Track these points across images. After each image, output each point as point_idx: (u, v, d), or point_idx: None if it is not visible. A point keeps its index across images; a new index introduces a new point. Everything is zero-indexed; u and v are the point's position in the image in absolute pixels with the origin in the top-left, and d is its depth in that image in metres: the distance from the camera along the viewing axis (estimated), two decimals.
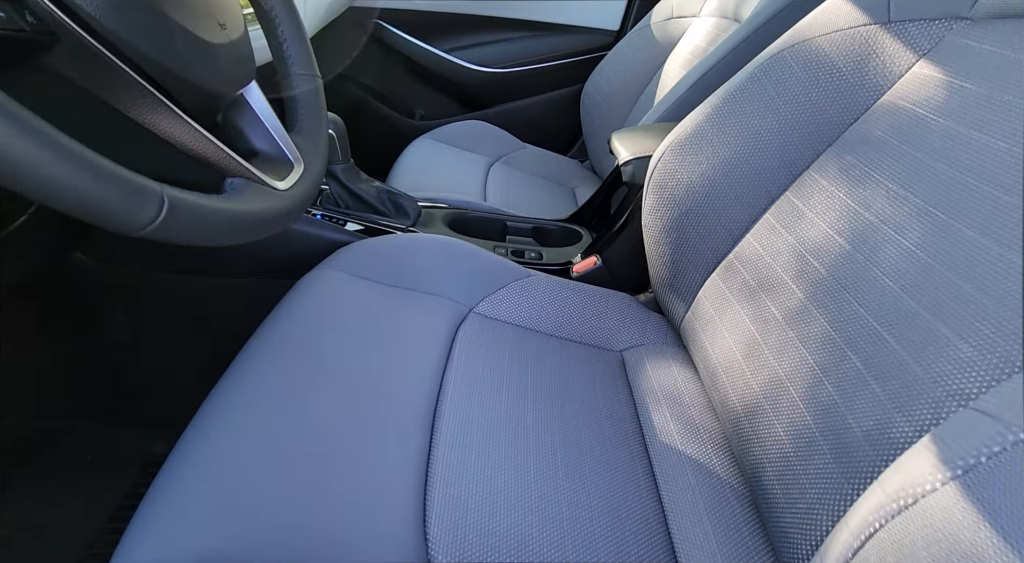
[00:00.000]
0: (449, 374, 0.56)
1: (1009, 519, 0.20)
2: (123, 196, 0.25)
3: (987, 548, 0.20)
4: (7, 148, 0.21)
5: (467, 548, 0.40)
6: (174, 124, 0.32)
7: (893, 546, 0.23)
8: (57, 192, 0.23)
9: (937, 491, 0.22)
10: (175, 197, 0.28)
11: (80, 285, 0.71)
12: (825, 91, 0.53)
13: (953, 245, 0.37)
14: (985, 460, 0.21)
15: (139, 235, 0.27)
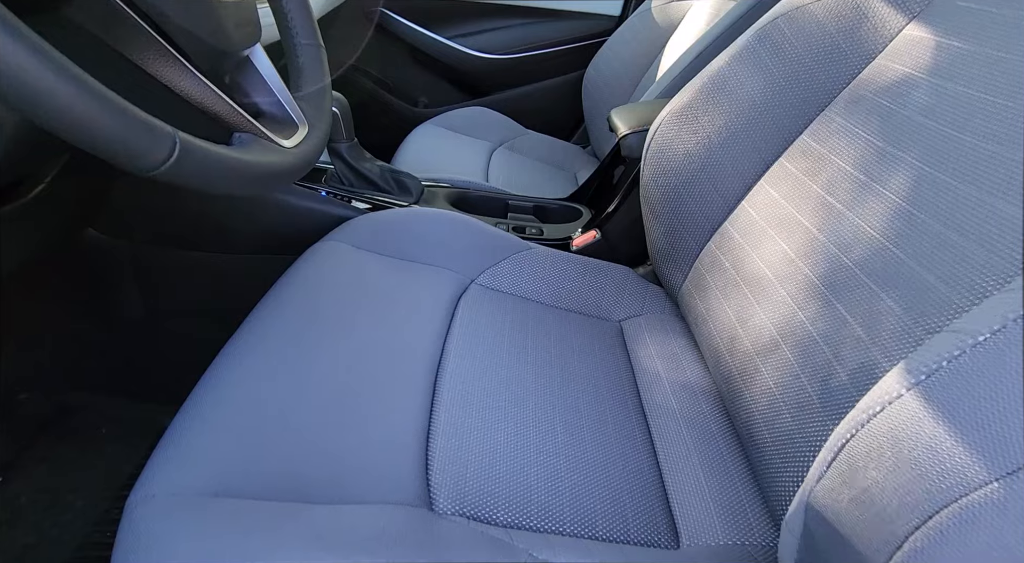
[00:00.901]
0: (451, 340, 0.57)
1: (966, 415, 0.21)
2: (139, 134, 0.27)
3: (944, 442, 0.21)
4: (35, 82, 0.23)
5: (467, 495, 0.41)
6: (184, 78, 0.33)
7: (863, 452, 0.24)
8: (78, 126, 0.25)
9: (902, 397, 0.23)
10: (187, 141, 0.29)
11: (93, 261, 0.73)
12: (818, 57, 0.54)
13: (937, 195, 0.38)
14: (946, 364, 0.22)
15: (151, 176, 0.29)
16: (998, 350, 0.21)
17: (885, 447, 0.23)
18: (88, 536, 0.64)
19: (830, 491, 0.26)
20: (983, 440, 0.20)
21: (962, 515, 0.21)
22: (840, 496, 0.25)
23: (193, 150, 0.30)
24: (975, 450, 0.20)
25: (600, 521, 0.42)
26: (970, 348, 0.22)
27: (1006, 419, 0.20)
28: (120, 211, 0.68)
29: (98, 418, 0.79)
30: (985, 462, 0.20)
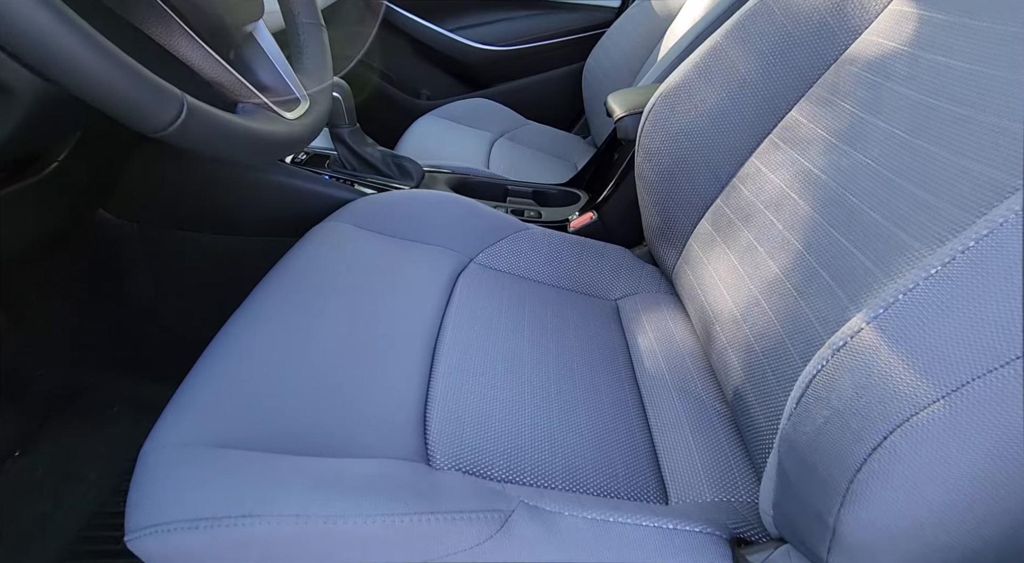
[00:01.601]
0: (449, 313, 0.59)
1: (916, 341, 0.22)
2: (149, 95, 0.29)
3: (897, 367, 0.22)
4: (59, 43, 0.25)
5: (463, 452, 0.43)
6: (191, 47, 0.35)
7: (826, 385, 0.25)
8: (94, 85, 0.27)
9: (862, 330, 0.24)
10: (194, 104, 0.31)
11: (104, 242, 0.75)
12: (807, 34, 0.55)
13: (914, 160, 0.39)
14: (902, 297, 0.24)
15: (159, 136, 0.31)
16: (948, 279, 0.22)
17: (846, 377, 0.25)
18: (102, 506, 0.67)
19: (798, 425, 0.27)
20: (930, 362, 0.22)
21: (912, 433, 0.22)
22: (807, 428, 0.27)
23: (199, 113, 0.31)
24: (923, 372, 0.22)
25: (591, 479, 0.44)
26: (923, 281, 0.23)
27: (953, 340, 0.22)
28: (130, 193, 0.71)
29: (109, 396, 0.81)
30: (932, 382, 0.22)
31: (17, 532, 0.62)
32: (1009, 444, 0.21)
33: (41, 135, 0.43)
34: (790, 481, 0.29)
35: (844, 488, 0.25)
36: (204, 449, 0.36)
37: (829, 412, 0.25)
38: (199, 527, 0.30)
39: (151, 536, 0.31)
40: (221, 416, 0.39)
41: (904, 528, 0.24)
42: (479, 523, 0.33)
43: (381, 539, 0.31)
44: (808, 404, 0.27)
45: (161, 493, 0.33)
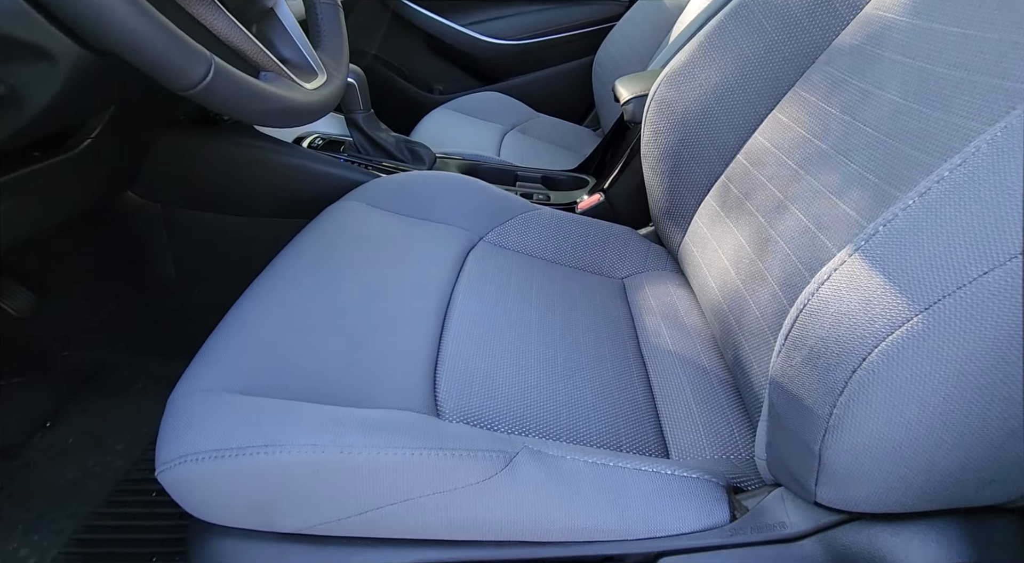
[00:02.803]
0: (459, 287, 0.61)
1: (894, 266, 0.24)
2: (180, 53, 0.31)
3: (875, 291, 0.24)
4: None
5: (471, 408, 0.45)
6: (218, 17, 0.38)
7: (811, 317, 0.27)
8: (130, 41, 0.29)
9: (845, 262, 0.26)
10: (221, 65, 0.34)
11: (130, 224, 0.78)
12: (809, 11, 0.56)
13: (911, 123, 0.40)
14: (882, 228, 0.25)
15: (187, 94, 0.33)
16: (923, 208, 0.24)
17: (829, 307, 0.26)
18: (128, 473, 0.70)
19: (785, 360, 0.29)
20: (905, 284, 0.23)
21: (888, 352, 0.23)
22: (793, 360, 0.28)
23: (226, 74, 0.34)
24: (899, 293, 0.23)
25: (595, 436, 0.46)
26: (901, 211, 0.25)
27: (926, 262, 0.23)
28: (155, 175, 0.74)
29: (132, 372, 0.84)
30: (906, 302, 0.23)
31: (50, 496, 0.65)
32: (978, 360, 0.22)
33: (78, 105, 0.46)
34: (779, 417, 0.31)
35: (828, 414, 0.26)
36: (227, 395, 0.38)
37: (813, 341, 0.27)
38: (223, 456, 0.32)
39: (179, 466, 0.33)
40: (243, 367, 0.41)
41: (885, 450, 0.26)
42: (485, 461, 0.34)
43: (391, 469, 0.33)
44: (795, 338, 0.28)
45: (188, 430, 0.35)
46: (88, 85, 0.41)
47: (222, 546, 0.36)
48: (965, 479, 0.26)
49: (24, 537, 0.60)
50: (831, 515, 0.32)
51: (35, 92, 0.38)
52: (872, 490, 0.28)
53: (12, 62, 0.36)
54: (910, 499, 0.28)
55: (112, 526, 0.63)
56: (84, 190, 0.63)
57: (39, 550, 0.60)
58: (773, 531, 0.33)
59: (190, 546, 0.37)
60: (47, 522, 0.62)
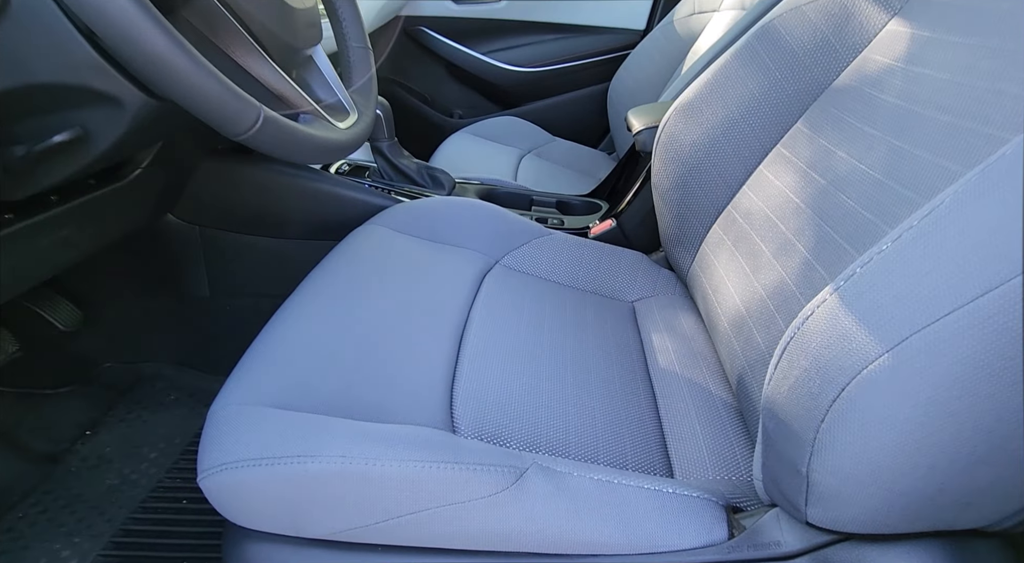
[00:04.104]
0: (476, 308, 0.64)
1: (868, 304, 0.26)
2: (233, 103, 0.35)
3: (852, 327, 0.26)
4: (166, 57, 0.32)
5: (485, 426, 0.48)
6: (264, 67, 0.42)
7: (798, 348, 0.29)
8: (190, 93, 0.34)
9: (826, 301, 0.28)
10: (268, 113, 0.38)
11: (170, 244, 0.84)
12: (811, 52, 0.59)
13: (904, 164, 0.43)
14: (860, 269, 0.27)
15: (238, 139, 0.37)
16: (896, 253, 0.26)
17: (814, 340, 0.28)
18: (161, 481, 0.74)
19: (775, 387, 0.31)
20: (879, 321, 0.25)
21: (864, 383, 0.26)
22: (782, 388, 0.30)
23: (272, 121, 0.38)
24: (873, 330, 0.26)
25: (602, 454, 0.48)
26: (877, 255, 0.27)
27: (897, 302, 0.25)
28: (196, 199, 0.79)
29: (168, 386, 0.89)
30: (879, 338, 0.25)
31: (89, 502, 0.70)
32: (945, 392, 0.25)
33: (137, 143, 0.51)
34: (771, 440, 0.33)
35: (812, 438, 0.29)
36: (263, 408, 0.42)
37: (800, 371, 0.29)
38: (260, 465, 0.36)
39: (220, 473, 0.37)
40: (276, 383, 0.44)
41: (865, 473, 0.28)
42: (497, 475, 0.37)
43: (411, 481, 0.35)
44: (784, 367, 0.30)
45: (228, 439, 0.38)
46: (149, 127, 0.46)
47: (255, 549, 0.39)
48: (943, 502, 0.28)
49: (66, 539, 0.64)
50: (823, 535, 0.34)
51: (103, 133, 0.43)
52: (857, 511, 0.30)
53: (87, 108, 0.41)
54: (893, 520, 0.30)
55: (146, 531, 0.66)
56: (133, 214, 0.68)
57: (80, 552, 0.63)
58: (768, 550, 0.35)
59: (226, 548, 0.40)
60: (87, 526, 0.66)
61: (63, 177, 0.46)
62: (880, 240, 0.40)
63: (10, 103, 0.39)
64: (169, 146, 0.64)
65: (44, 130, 0.42)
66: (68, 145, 0.43)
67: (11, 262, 0.50)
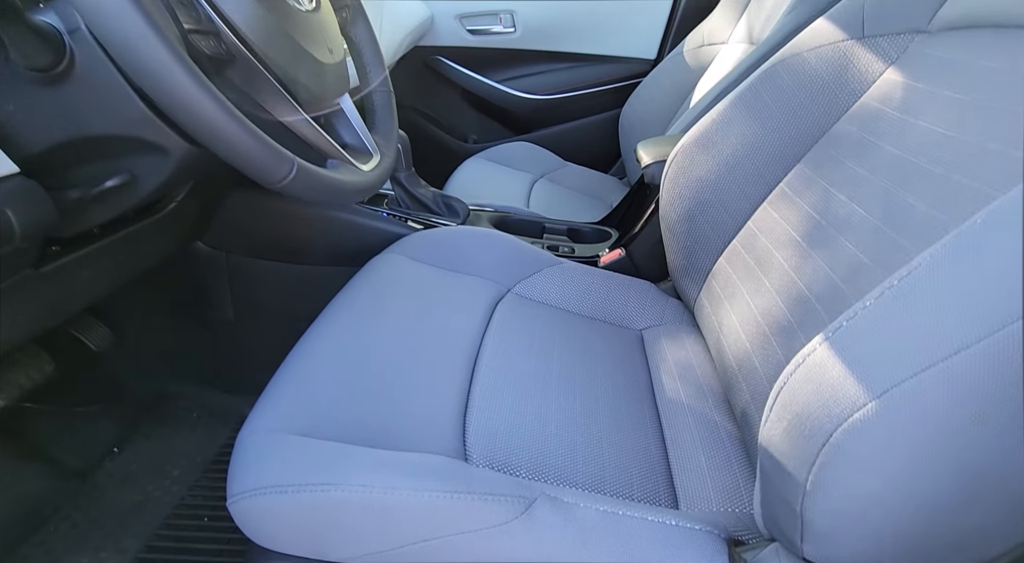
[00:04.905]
0: (488, 337, 0.67)
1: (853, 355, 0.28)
2: (270, 157, 0.39)
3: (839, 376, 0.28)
4: (209, 116, 0.35)
5: (496, 453, 0.50)
6: (296, 117, 0.46)
7: (791, 394, 0.31)
8: (231, 148, 0.37)
9: (816, 350, 0.30)
10: (301, 163, 0.41)
11: (197, 269, 0.88)
12: (812, 97, 0.62)
13: (897, 210, 0.45)
14: (846, 323, 0.30)
15: (275, 188, 0.41)
16: (878, 309, 0.28)
17: (804, 387, 0.30)
18: (183, 499, 0.76)
19: (771, 429, 0.33)
20: (864, 371, 0.27)
21: (851, 430, 0.28)
22: (777, 430, 0.32)
23: (304, 170, 0.41)
24: (859, 379, 0.28)
25: (609, 484, 0.50)
26: (861, 310, 0.29)
27: (880, 355, 0.27)
28: (223, 227, 0.83)
29: (191, 405, 0.92)
30: (865, 387, 0.27)
31: (116, 517, 0.73)
32: (926, 441, 0.26)
33: (177, 183, 0.55)
34: (768, 478, 0.35)
35: (805, 480, 0.31)
36: (288, 435, 0.44)
37: (792, 416, 0.31)
38: (287, 491, 0.38)
39: (249, 498, 0.39)
40: (301, 411, 0.47)
41: (856, 513, 0.30)
42: (506, 505, 0.39)
43: (427, 509, 0.38)
44: (778, 410, 0.32)
45: (256, 466, 0.41)
46: (189, 170, 0.50)
47: None
48: (933, 543, 0.30)
49: (94, 554, 0.67)
50: None
51: (149, 178, 0.47)
52: (851, 549, 0.32)
53: (135, 156, 0.45)
54: (886, 558, 0.32)
55: (170, 547, 0.69)
56: (167, 244, 0.72)
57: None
58: None
59: None
60: (114, 541, 0.69)
61: (110, 216, 0.49)
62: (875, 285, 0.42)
63: (69, 152, 0.43)
64: (202, 181, 0.68)
65: (97, 176, 0.45)
66: (117, 189, 0.46)
67: (57, 292, 0.54)
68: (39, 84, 0.39)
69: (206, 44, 0.39)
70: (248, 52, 0.41)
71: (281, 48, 0.43)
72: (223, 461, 0.85)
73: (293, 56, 0.44)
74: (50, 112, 0.41)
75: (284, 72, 0.44)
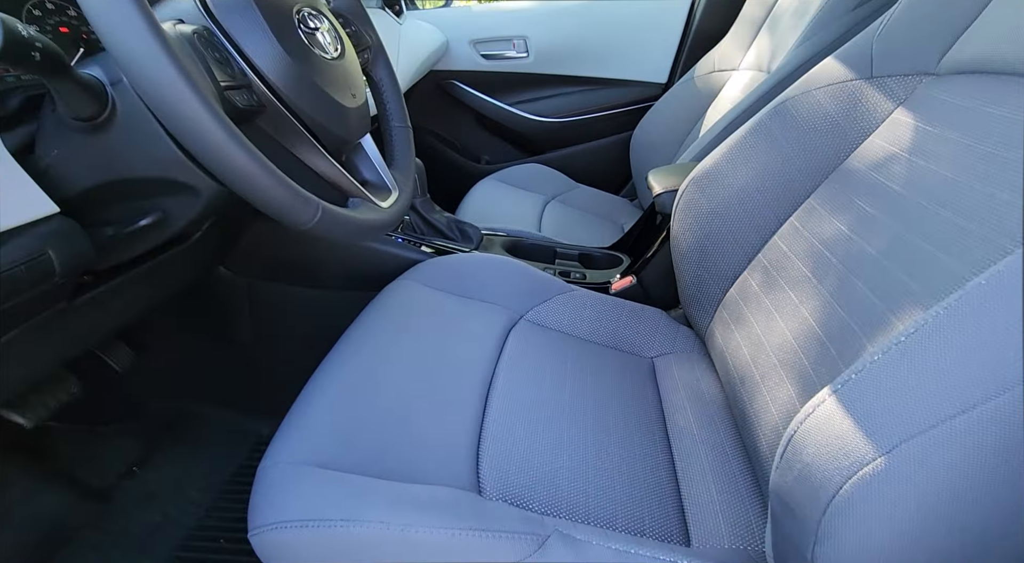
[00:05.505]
0: (501, 364, 0.68)
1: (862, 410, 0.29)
2: (297, 202, 0.41)
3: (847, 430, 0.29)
4: (238, 164, 0.37)
5: (509, 486, 0.51)
6: (321, 160, 0.48)
7: (800, 442, 0.32)
8: (260, 195, 0.39)
9: (825, 401, 0.31)
10: (326, 206, 0.43)
11: (218, 293, 0.90)
12: (821, 134, 0.63)
13: (905, 250, 0.46)
14: (855, 376, 0.30)
15: (303, 230, 0.42)
16: (884, 364, 0.29)
17: (814, 437, 0.31)
18: (201, 520, 0.78)
19: (781, 475, 0.34)
20: (871, 427, 0.28)
21: (859, 485, 0.29)
22: (787, 478, 0.33)
23: (329, 212, 0.43)
24: (866, 435, 0.28)
25: (621, 519, 0.50)
26: (869, 363, 0.30)
27: (887, 411, 0.28)
28: (243, 252, 0.86)
29: (210, 426, 0.94)
30: (873, 443, 0.28)
31: (134, 538, 0.74)
32: (934, 495, 0.27)
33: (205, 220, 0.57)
34: (779, 522, 0.35)
35: (815, 528, 0.31)
36: (309, 468, 0.46)
37: (801, 465, 0.32)
38: (308, 526, 0.39)
39: (270, 532, 0.41)
40: (320, 442, 0.48)
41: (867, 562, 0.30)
42: (520, 542, 0.40)
43: (443, 546, 0.39)
44: (788, 458, 0.33)
45: (278, 499, 0.42)
46: (218, 208, 0.52)
47: None
48: None
49: None
50: None
51: (180, 215, 0.49)
52: None
53: (168, 196, 0.47)
54: None
55: None
56: (192, 270, 0.74)
57: None
58: None
59: None
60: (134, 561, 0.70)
61: (141, 251, 0.52)
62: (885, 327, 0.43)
63: (107, 192, 0.45)
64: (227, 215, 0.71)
65: (132, 213, 0.48)
66: (150, 226, 0.49)
67: (89, 321, 0.56)
68: (82, 132, 0.42)
69: (239, 98, 0.41)
70: (278, 102, 0.44)
71: (308, 97, 0.45)
72: (240, 482, 0.86)
73: (319, 103, 0.47)
74: (91, 156, 0.43)
75: (311, 119, 0.46)
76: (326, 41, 0.48)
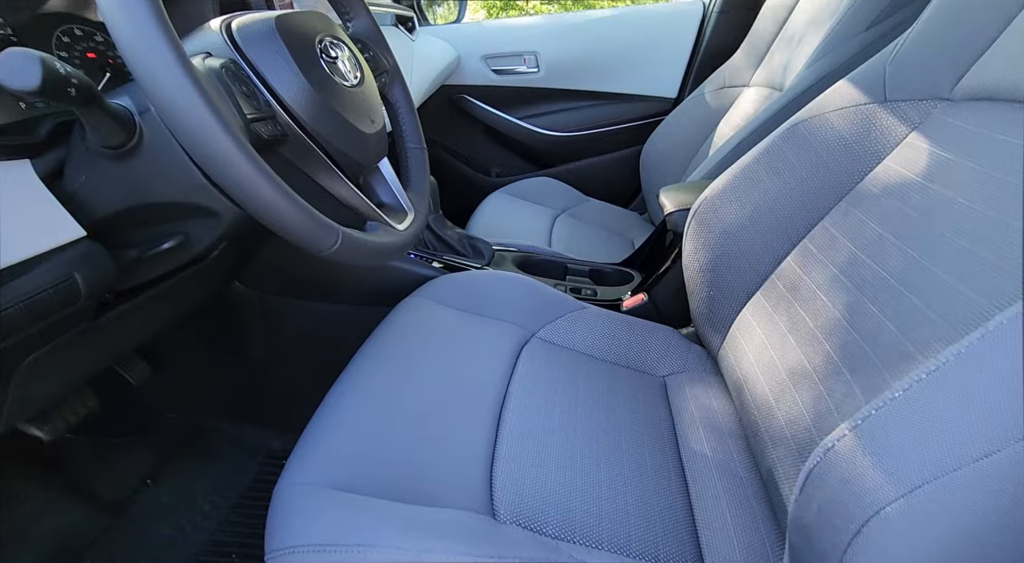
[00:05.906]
0: (513, 384, 0.68)
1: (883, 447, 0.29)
2: (318, 230, 0.41)
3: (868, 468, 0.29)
4: (262, 193, 0.38)
5: (523, 510, 0.51)
6: (340, 185, 0.49)
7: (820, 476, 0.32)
8: (284, 224, 0.40)
9: (845, 436, 0.31)
10: (346, 232, 0.44)
11: (233, 308, 0.91)
12: (834, 156, 0.63)
13: (920, 276, 0.46)
14: (875, 412, 0.30)
15: (324, 256, 0.43)
16: (906, 402, 0.29)
17: (833, 473, 0.31)
18: (212, 534, 0.78)
19: (801, 509, 0.34)
20: (893, 466, 0.28)
21: (881, 523, 0.28)
22: (806, 512, 0.33)
23: (349, 237, 0.44)
24: (888, 474, 0.28)
25: (635, 543, 0.50)
26: (889, 401, 0.30)
27: (910, 450, 0.28)
28: (258, 268, 0.87)
29: (223, 439, 0.95)
30: (895, 482, 0.28)
31: (149, 552, 0.75)
32: (956, 536, 0.27)
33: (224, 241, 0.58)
34: (798, 554, 0.35)
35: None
36: (325, 490, 0.46)
37: (821, 500, 0.32)
38: (325, 551, 0.40)
39: (288, 556, 0.41)
40: (336, 464, 0.49)
41: None
42: None
43: None
44: (807, 492, 0.33)
45: (295, 523, 0.43)
46: (238, 230, 0.53)
47: None
48: None
49: None
50: None
51: (201, 238, 0.50)
52: None
53: (190, 219, 0.48)
54: None
55: None
56: (209, 287, 0.75)
57: None
58: None
59: None
60: None
61: (163, 272, 0.53)
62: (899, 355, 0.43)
63: (133, 216, 0.46)
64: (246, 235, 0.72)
65: (155, 237, 0.49)
66: (172, 248, 0.50)
67: (110, 339, 0.57)
68: (110, 158, 0.43)
69: (264, 129, 0.42)
70: (300, 131, 0.44)
71: (329, 125, 0.46)
72: (253, 497, 0.87)
73: (340, 131, 0.48)
74: (118, 182, 0.44)
75: (331, 146, 0.47)
76: (346, 69, 0.49)
